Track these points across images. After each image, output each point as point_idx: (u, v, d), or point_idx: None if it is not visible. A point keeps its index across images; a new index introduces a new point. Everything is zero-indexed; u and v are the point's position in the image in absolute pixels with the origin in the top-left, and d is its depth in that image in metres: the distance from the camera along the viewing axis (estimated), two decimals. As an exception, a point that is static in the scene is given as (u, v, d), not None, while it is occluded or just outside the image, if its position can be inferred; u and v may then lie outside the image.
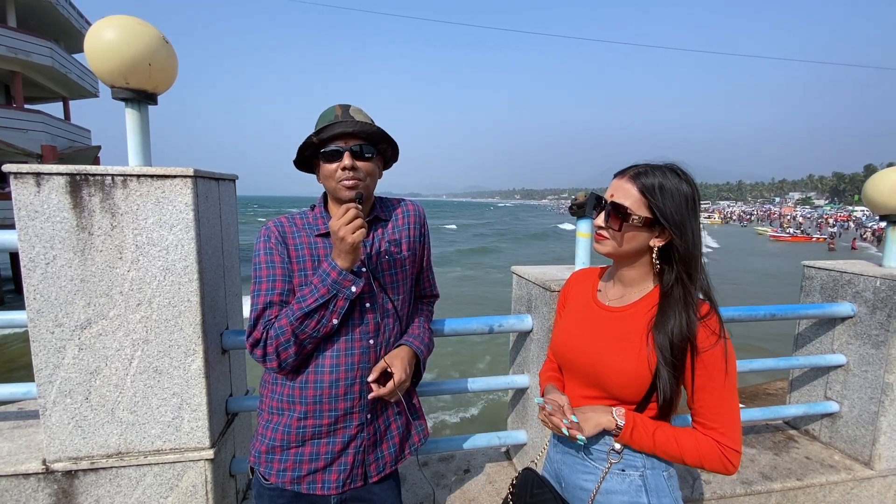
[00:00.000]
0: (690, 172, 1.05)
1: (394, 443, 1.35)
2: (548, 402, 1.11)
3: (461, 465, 2.19)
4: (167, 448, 1.54)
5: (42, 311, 1.41)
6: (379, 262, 1.31)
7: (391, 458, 1.34)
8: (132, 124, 1.51)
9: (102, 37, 1.38)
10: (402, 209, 1.41)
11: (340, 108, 1.27)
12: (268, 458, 1.25)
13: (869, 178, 2.19)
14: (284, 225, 1.29)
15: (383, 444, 1.33)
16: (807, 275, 2.41)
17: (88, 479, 1.51)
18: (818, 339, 2.35)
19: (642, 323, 1.06)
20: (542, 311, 1.86)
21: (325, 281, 1.16)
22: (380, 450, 1.32)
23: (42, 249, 1.39)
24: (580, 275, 1.31)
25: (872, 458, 2.12)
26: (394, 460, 1.35)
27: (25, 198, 1.36)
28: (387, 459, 1.33)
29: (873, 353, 2.10)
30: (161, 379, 1.51)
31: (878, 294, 2.07)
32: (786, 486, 2.03)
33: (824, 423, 2.35)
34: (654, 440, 1.03)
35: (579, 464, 1.13)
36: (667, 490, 1.07)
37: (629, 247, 1.07)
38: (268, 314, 1.21)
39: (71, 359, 1.45)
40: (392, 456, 1.35)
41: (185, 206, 1.45)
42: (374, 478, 1.30)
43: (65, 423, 1.48)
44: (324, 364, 1.23)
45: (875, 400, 2.09)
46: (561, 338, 1.22)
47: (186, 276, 1.48)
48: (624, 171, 1.08)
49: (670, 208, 1.01)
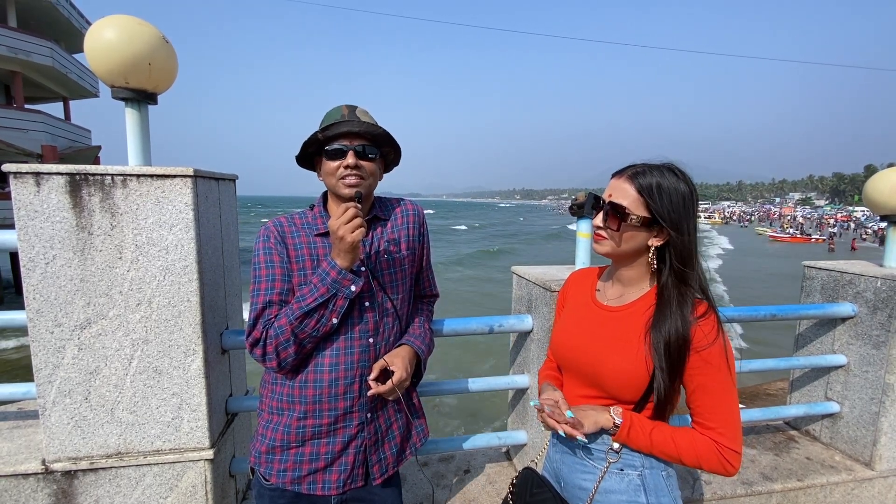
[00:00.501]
0: (689, 172, 1.05)
1: (395, 443, 1.35)
2: (544, 403, 1.10)
3: (461, 466, 2.18)
4: (167, 448, 1.54)
5: (42, 310, 1.41)
6: (378, 261, 1.31)
7: (393, 458, 1.34)
8: (132, 124, 1.51)
9: (102, 36, 1.38)
10: (402, 209, 1.41)
11: (347, 108, 1.28)
12: (268, 458, 1.25)
13: (869, 178, 2.19)
14: (284, 224, 1.29)
15: (384, 444, 1.32)
16: (807, 275, 2.40)
17: (88, 479, 1.50)
18: (819, 339, 2.35)
19: (640, 322, 1.06)
20: (543, 311, 1.86)
21: (324, 280, 1.15)
22: (381, 450, 1.31)
23: (42, 249, 1.39)
24: (579, 275, 1.31)
25: (873, 458, 2.12)
26: (395, 461, 1.35)
27: (25, 197, 1.36)
28: (389, 460, 1.33)
29: (874, 353, 2.09)
30: (161, 379, 1.51)
31: (879, 294, 2.06)
32: (786, 486, 2.03)
33: (825, 423, 2.35)
34: (651, 440, 1.03)
35: (578, 463, 1.13)
36: (666, 490, 1.07)
37: (627, 247, 1.06)
38: (267, 314, 1.21)
39: (70, 359, 1.45)
40: (394, 456, 1.34)
41: (185, 206, 1.45)
42: (378, 479, 1.30)
43: (64, 423, 1.47)
44: (323, 363, 1.23)
45: (876, 400, 2.09)
46: (560, 337, 1.22)
47: (186, 275, 1.47)
48: (622, 171, 1.07)
49: (668, 208, 1.01)
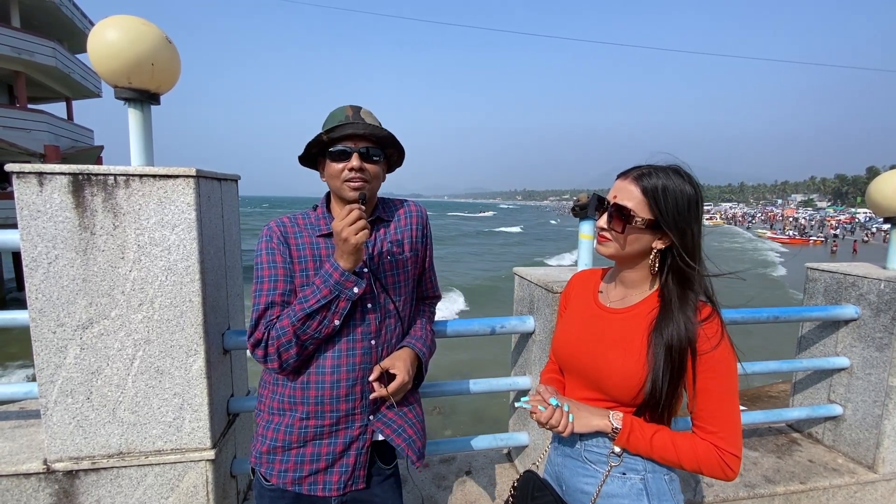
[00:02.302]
0: (694, 174, 1.05)
1: (396, 444, 1.35)
2: (531, 401, 1.09)
3: (463, 467, 2.18)
4: (168, 448, 1.54)
5: (44, 310, 1.41)
6: (381, 262, 1.31)
7: (394, 459, 1.34)
8: (135, 124, 1.51)
9: (105, 37, 1.38)
10: (405, 210, 1.41)
11: (352, 109, 1.27)
12: (269, 458, 1.24)
13: (872, 180, 2.18)
14: (286, 225, 1.29)
15: (405, 428, 1.32)
16: (810, 277, 2.39)
17: (89, 479, 1.50)
18: (821, 341, 2.34)
19: (643, 325, 1.05)
20: (545, 312, 1.85)
21: (327, 282, 1.15)
22: (404, 433, 1.31)
23: (44, 249, 1.39)
24: (582, 276, 1.31)
25: (876, 461, 2.11)
26: (396, 462, 1.35)
27: (28, 197, 1.36)
28: (415, 438, 1.33)
29: (877, 355, 2.09)
30: (162, 379, 1.51)
31: (883, 297, 2.06)
32: (789, 489, 2.02)
33: (827, 426, 2.34)
34: (651, 444, 1.02)
35: (580, 467, 1.12)
36: (668, 494, 1.06)
37: (632, 249, 1.06)
38: (269, 314, 1.20)
39: (72, 358, 1.45)
40: (418, 437, 1.34)
41: (188, 206, 1.45)
42: (379, 480, 1.30)
43: (66, 422, 1.48)
44: (325, 365, 1.23)
45: (879, 403, 2.08)
46: (562, 339, 1.21)
47: (188, 276, 1.48)
48: (627, 173, 1.07)
49: (673, 211, 1.00)
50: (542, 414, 1.05)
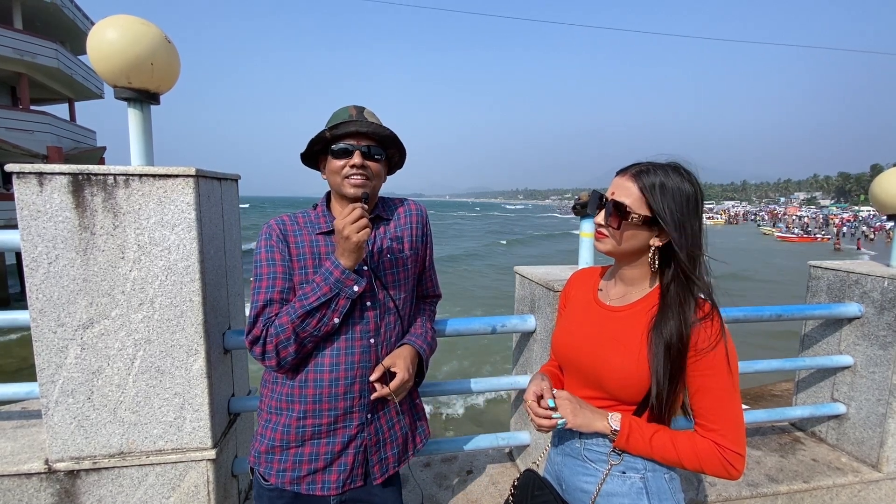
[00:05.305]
0: (695, 171, 1.04)
1: (396, 443, 1.34)
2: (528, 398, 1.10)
3: (464, 466, 2.18)
4: (169, 448, 1.54)
5: (44, 310, 1.41)
6: (381, 260, 1.31)
7: (394, 458, 1.34)
8: (135, 124, 1.51)
9: (105, 36, 1.38)
10: (405, 208, 1.41)
11: (355, 108, 1.28)
12: (267, 458, 1.24)
13: (875, 177, 2.16)
14: (286, 223, 1.29)
15: (386, 444, 1.32)
16: (813, 275, 2.38)
17: (91, 479, 1.51)
18: (825, 339, 2.33)
19: (643, 323, 1.04)
20: (546, 311, 1.85)
21: (327, 279, 1.15)
22: (382, 450, 1.31)
23: (44, 249, 1.39)
24: (581, 274, 1.30)
25: (880, 460, 2.09)
26: (396, 461, 1.34)
27: (28, 197, 1.36)
28: (390, 460, 1.32)
29: (881, 354, 2.07)
30: (163, 379, 1.51)
31: (886, 294, 2.04)
32: (792, 488, 2.01)
33: (831, 424, 2.32)
34: (651, 445, 1.01)
35: (580, 466, 1.12)
36: (668, 493, 1.06)
37: (628, 245, 1.05)
38: (268, 312, 1.20)
39: (73, 358, 1.45)
40: (395, 457, 1.34)
41: (188, 206, 1.45)
42: (378, 479, 1.29)
43: (67, 422, 1.48)
44: (323, 363, 1.22)
45: (883, 402, 2.07)
46: (561, 337, 1.21)
47: (188, 275, 1.47)
48: (626, 169, 1.06)
49: (670, 208, 0.99)
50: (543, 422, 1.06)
